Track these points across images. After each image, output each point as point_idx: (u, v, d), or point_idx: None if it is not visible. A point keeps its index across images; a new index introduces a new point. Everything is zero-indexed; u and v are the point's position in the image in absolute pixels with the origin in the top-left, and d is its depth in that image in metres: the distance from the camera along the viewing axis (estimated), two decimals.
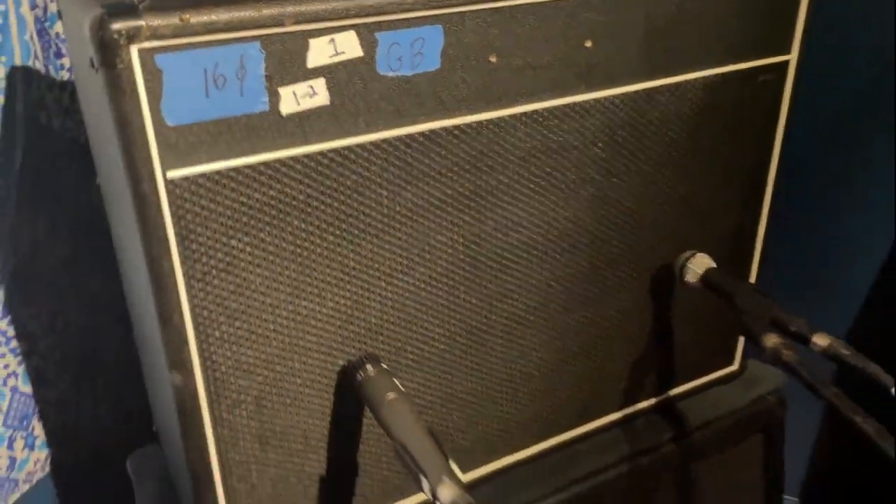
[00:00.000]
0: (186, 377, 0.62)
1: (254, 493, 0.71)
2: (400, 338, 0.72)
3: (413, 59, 0.61)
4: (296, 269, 0.63)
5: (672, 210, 0.83)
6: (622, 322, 0.86)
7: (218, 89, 0.54)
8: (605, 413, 0.91)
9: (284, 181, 0.60)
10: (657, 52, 0.74)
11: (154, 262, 0.57)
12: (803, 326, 0.70)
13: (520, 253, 0.75)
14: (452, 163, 0.67)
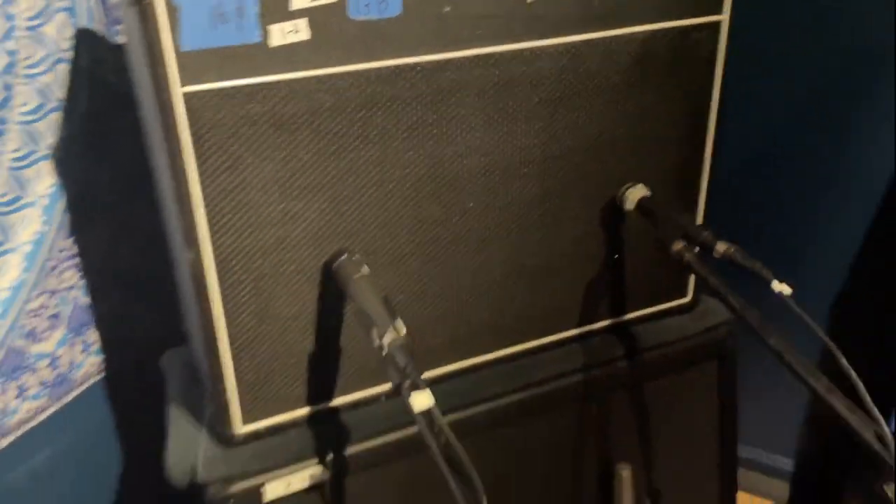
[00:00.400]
0: (197, 253, 0.79)
1: (255, 364, 0.88)
2: (375, 240, 0.88)
3: (379, 6, 0.78)
4: (286, 174, 0.80)
5: (614, 148, 0.96)
6: (576, 246, 1.00)
7: (222, 24, 0.71)
8: (564, 328, 1.06)
9: (274, 100, 0.77)
10: (596, 9, 0.88)
11: (174, 161, 0.75)
12: (708, 237, 0.84)
13: (477, 176, 0.90)
14: (416, 94, 0.83)
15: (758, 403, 1.79)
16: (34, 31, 1.04)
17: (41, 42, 1.06)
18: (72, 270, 1.17)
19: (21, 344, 1.11)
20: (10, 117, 1.03)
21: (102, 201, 1.20)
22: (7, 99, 1.02)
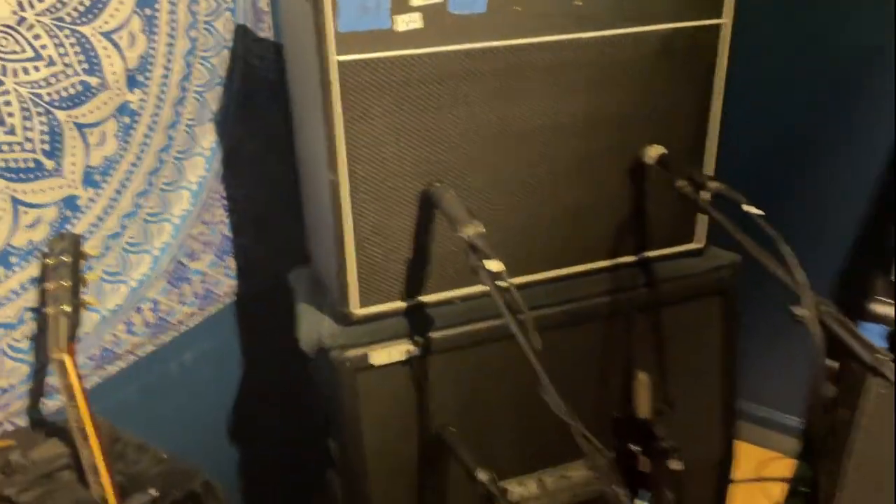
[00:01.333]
0: (337, 176, 1.13)
1: (368, 263, 1.21)
2: (459, 177, 1.20)
3: (471, 4, 1.11)
4: (400, 123, 1.14)
5: (639, 117, 1.27)
6: (609, 193, 1.31)
7: (365, 14, 1.06)
8: (597, 259, 1.36)
9: (396, 69, 1.10)
10: (626, 11, 1.20)
11: (326, 109, 1.09)
12: (703, 178, 1.14)
13: (536, 133, 1.22)
14: (494, 69, 1.16)
15: (771, 370, 2.06)
16: (208, 25, 1.41)
17: (212, 33, 1.42)
18: (220, 209, 1.53)
19: (184, 260, 1.48)
20: (189, 87, 1.40)
21: (245, 156, 1.56)
22: (188, 74, 1.39)
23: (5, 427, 1.25)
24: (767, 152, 1.88)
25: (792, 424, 2.12)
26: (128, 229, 1.34)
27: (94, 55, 1.21)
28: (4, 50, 1.09)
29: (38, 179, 1.18)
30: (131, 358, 1.42)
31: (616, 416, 1.42)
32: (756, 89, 1.79)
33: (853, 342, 0.77)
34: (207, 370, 1.59)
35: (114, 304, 1.35)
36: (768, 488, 2.08)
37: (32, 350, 1.24)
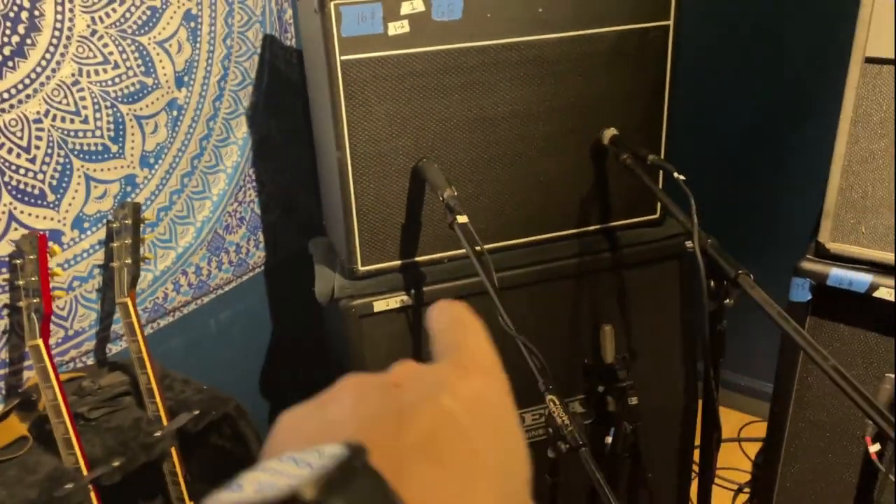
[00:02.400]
0: (343, 153, 1.40)
1: (370, 227, 1.47)
2: (443, 154, 1.46)
3: (449, 12, 1.37)
4: (392, 110, 1.40)
5: (597, 104, 1.51)
6: (574, 169, 1.55)
7: (363, 22, 1.32)
8: (566, 228, 1.60)
9: (388, 65, 1.36)
10: (581, 15, 1.45)
11: (333, 98, 1.36)
12: (644, 153, 1.37)
13: (507, 118, 1.47)
14: (469, 65, 1.41)
15: (750, 343, 2.26)
16: (242, 35, 1.70)
17: (245, 41, 1.71)
18: (251, 190, 1.81)
19: (221, 232, 1.76)
20: (226, 87, 1.69)
21: (272, 145, 1.84)
22: (225, 75, 1.68)
23: (77, 363, 1.54)
24: (732, 143, 2.10)
25: (768, 391, 2.32)
26: (175, 204, 1.63)
27: (150, 60, 1.50)
28: (81, 56, 1.38)
29: (105, 160, 1.47)
30: (177, 314, 1.71)
31: (586, 363, 1.66)
32: (723, 87, 2.02)
33: (724, 263, 1.00)
34: (240, 327, 1.87)
35: (164, 266, 1.64)
36: (746, 448, 2.28)
37: (99, 300, 1.53)
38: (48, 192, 1.39)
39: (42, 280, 1.29)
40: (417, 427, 0.26)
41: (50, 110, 1.36)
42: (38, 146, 1.36)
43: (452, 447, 0.26)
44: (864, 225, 1.40)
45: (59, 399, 1.27)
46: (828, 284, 1.43)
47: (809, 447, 1.65)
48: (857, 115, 1.33)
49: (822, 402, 1.58)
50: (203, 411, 1.45)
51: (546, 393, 1.11)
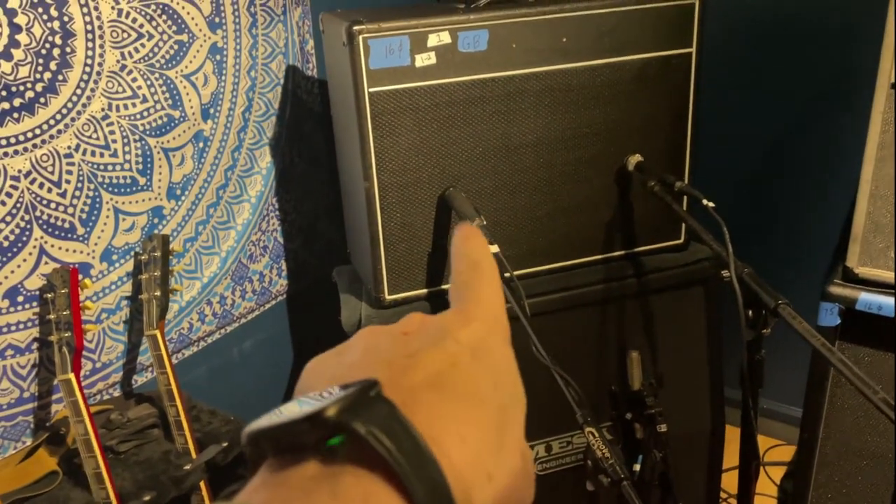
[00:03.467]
0: (371, 184, 1.40)
1: (397, 256, 1.47)
2: (468, 183, 1.46)
3: (475, 44, 1.38)
4: (419, 140, 1.41)
5: (621, 131, 1.52)
6: (598, 196, 1.56)
7: (391, 54, 1.34)
8: (591, 254, 1.60)
9: (415, 97, 1.37)
10: (605, 44, 1.46)
11: (361, 129, 1.37)
12: (671, 179, 1.37)
13: (532, 146, 1.48)
14: (495, 94, 1.42)
15: (774, 365, 2.24)
16: (265, 67, 1.71)
17: (268, 73, 1.72)
18: (274, 219, 1.82)
19: (245, 262, 1.76)
20: (251, 118, 1.70)
21: (295, 175, 1.85)
22: (249, 106, 1.69)
23: (104, 395, 1.54)
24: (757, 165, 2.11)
25: (792, 414, 2.30)
26: (201, 234, 1.63)
27: (177, 93, 1.51)
28: (111, 91, 1.40)
29: (133, 193, 1.48)
30: (201, 344, 1.71)
31: (613, 390, 1.65)
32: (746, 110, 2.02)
33: (763, 293, 1.00)
34: (262, 355, 1.87)
35: (189, 296, 1.64)
36: (771, 472, 2.26)
37: (126, 332, 1.53)
38: (78, 225, 1.40)
39: (74, 314, 1.30)
40: (424, 368, 0.29)
41: (80, 145, 1.37)
42: (68, 180, 1.37)
43: (455, 382, 0.29)
44: (892, 249, 1.39)
45: (91, 433, 1.27)
46: (857, 309, 1.43)
47: (840, 472, 1.64)
48: (884, 141, 1.33)
49: (852, 428, 1.57)
50: (231, 443, 1.45)
51: (585, 425, 1.10)
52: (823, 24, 1.88)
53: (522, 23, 1.40)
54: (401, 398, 0.27)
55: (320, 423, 0.25)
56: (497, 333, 0.33)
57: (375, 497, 0.25)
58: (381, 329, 0.33)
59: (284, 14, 1.72)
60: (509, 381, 0.32)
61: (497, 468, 0.29)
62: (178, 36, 1.49)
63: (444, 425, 0.28)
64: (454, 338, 0.31)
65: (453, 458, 0.27)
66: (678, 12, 1.48)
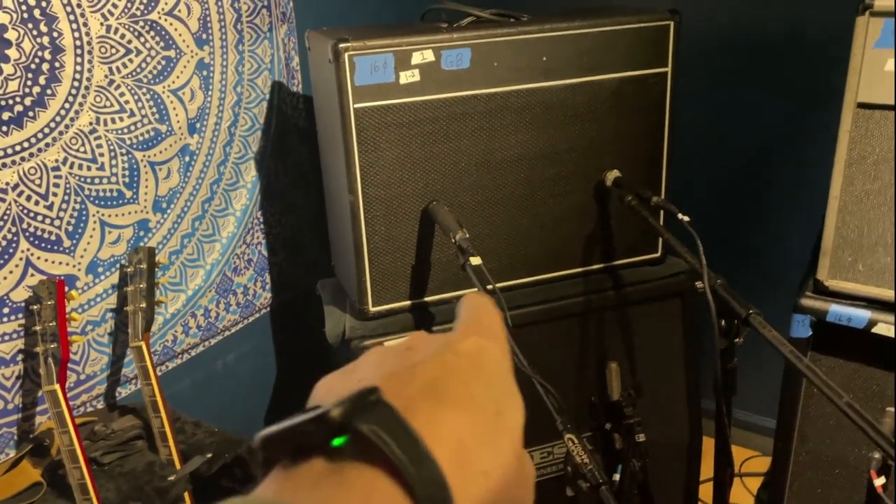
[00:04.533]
0: (355, 197, 1.43)
1: (381, 268, 1.50)
2: (451, 197, 1.49)
3: (458, 62, 1.42)
4: (402, 154, 1.44)
5: (599, 147, 1.56)
6: (577, 210, 1.60)
7: (375, 72, 1.37)
8: (570, 267, 1.64)
9: (399, 112, 1.41)
10: (584, 63, 1.50)
11: (346, 144, 1.40)
12: (648, 194, 1.42)
13: (513, 161, 1.52)
14: (477, 111, 1.46)
15: (749, 378, 2.29)
16: (251, 82, 1.74)
17: (254, 88, 1.75)
18: (259, 232, 1.84)
19: (229, 274, 1.78)
20: (237, 132, 1.72)
21: (279, 189, 1.87)
22: (235, 121, 1.71)
23: (87, 407, 1.55)
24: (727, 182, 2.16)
25: (769, 426, 2.34)
26: (186, 247, 1.65)
27: (164, 108, 1.53)
28: (99, 105, 1.42)
29: (119, 206, 1.49)
30: (185, 356, 1.72)
31: (592, 400, 1.68)
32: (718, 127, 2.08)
33: (734, 303, 1.03)
34: (246, 368, 1.88)
35: (174, 309, 1.65)
36: (749, 483, 2.30)
37: (111, 344, 1.54)
38: (64, 237, 1.41)
39: (60, 325, 1.31)
40: (423, 377, 0.32)
41: (68, 158, 1.39)
42: (55, 193, 1.38)
43: (452, 389, 0.32)
44: (861, 263, 1.44)
45: (76, 444, 1.28)
46: (827, 320, 1.47)
47: (813, 481, 1.67)
48: (852, 158, 1.38)
49: (824, 436, 1.61)
50: (216, 454, 1.46)
51: (565, 432, 1.13)
52: (796, 44, 1.94)
53: (504, 42, 1.44)
54: (402, 404, 0.29)
55: (326, 423, 0.28)
56: (495, 347, 0.36)
57: (378, 488, 0.28)
58: (388, 348, 0.35)
59: (270, 31, 1.75)
60: (505, 389, 0.34)
61: (493, 467, 0.31)
62: (166, 52, 1.52)
63: (440, 427, 0.30)
64: (453, 349, 0.34)
65: (450, 455, 0.29)
66: (654, 33, 1.53)
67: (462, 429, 0.30)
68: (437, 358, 0.33)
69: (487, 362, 0.34)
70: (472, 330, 0.36)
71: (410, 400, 0.30)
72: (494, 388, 0.34)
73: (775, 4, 1.94)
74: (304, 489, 0.28)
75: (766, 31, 1.97)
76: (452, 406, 0.31)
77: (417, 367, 0.32)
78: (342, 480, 0.28)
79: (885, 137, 1.35)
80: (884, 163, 1.36)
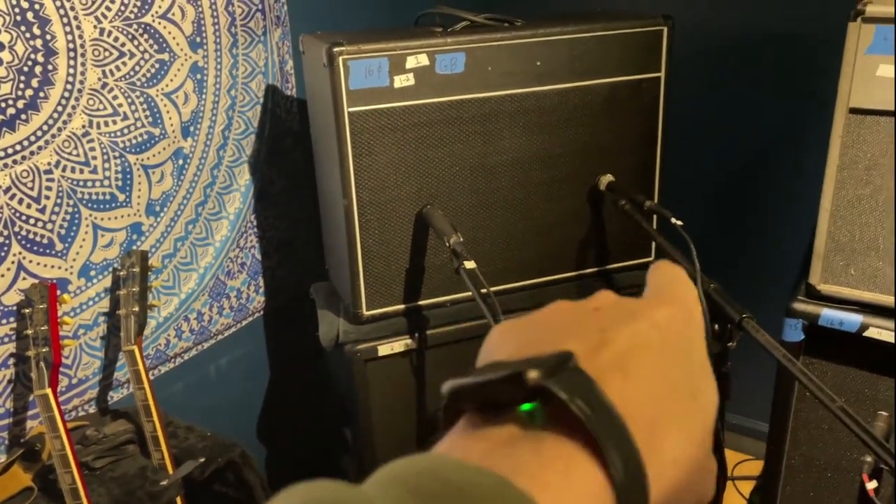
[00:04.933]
0: (350, 201, 1.43)
1: (375, 271, 1.50)
2: (445, 201, 1.49)
3: (452, 66, 1.42)
4: (396, 158, 1.44)
5: (593, 151, 1.56)
6: (571, 214, 1.60)
7: (370, 76, 1.37)
8: (564, 271, 1.64)
9: (393, 116, 1.41)
10: (577, 67, 1.50)
11: (340, 148, 1.40)
12: (641, 198, 1.42)
13: (507, 166, 1.52)
14: (471, 115, 1.46)
15: (742, 382, 2.29)
16: (245, 86, 1.74)
17: (248, 92, 1.75)
18: (253, 235, 1.84)
19: (223, 278, 1.77)
20: (230, 136, 1.72)
21: (273, 192, 1.87)
22: (229, 125, 1.71)
23: (79, 412, 1.54)
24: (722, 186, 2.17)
25: (762, 430, 2.35)
26: (180, 251, 1.65)
27: (157, 111, 1.53)
28: (92, 108, 1.41)
29: (112, 209, 1.49)
30: (178, 360, 1.71)
31: None
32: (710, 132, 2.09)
33: (728, 307, 1.04)
34: (239, 372, 1.87)
35: (167, 312, 1.65)
36: (741, 486, 2.30)
37: (103, 348, 1.53)
38: (56, 241, 1.40)
39: (52, 329, 1.30)
40: (615, 346, 0.29)
41: (60, 161, 1.38)
42: (48, 196, 1.38)
43: (644, 364, 0.29)
44: (853, 267, 1.45)
45: (67, 449, 1.27)
46: (819, 324, 1.48)
47: (806, 485, 1.68)
48: (843, 163, 1.39)
49: (817, 441, 1.62)
50: (208, 459, 1.45)
51: None
52: (789, 49, 1.95)
53: (498, 46, 1.44)
54: (592, 374, 0.27)
55: (521, 384, 0.26)
56: (690, 315, 0.32)
57: (575, 461, 0.26)
58: (573, 303, 0.33)
59: (265, 35, 1.75)
60: (701, 370, 0.31)
61: (683, 455, 0.29)
62: (160, 55, 1.51)
63: (633, 406, 0.27)
64: (646, 318, 0.31)
65: (643, 437, 0.27)
66: (647, 38, 1.54)
67: (654, 411, 0.28)
68: (630, 326, 0.30)
69: (683, 338, 0.31)
70: (667, 300, 0.33)
71: (600, 371, 0.28)
72: (690, 368, 0.31)
73: (768, 10, 1.95)
74: (498, 452, 0.26)
75: (760, 36, 1.98)
76: (645, 382, 0.29)
77: (609, 335, 0.29)
78: (539, 449, 0.26)
79: (876, 142, 1.36)
80: (875, 168, 1.37)
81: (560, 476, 0.25)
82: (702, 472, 0.30)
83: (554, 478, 0.25)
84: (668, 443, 0.28)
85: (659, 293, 0.34)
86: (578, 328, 0.30)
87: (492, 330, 0.33)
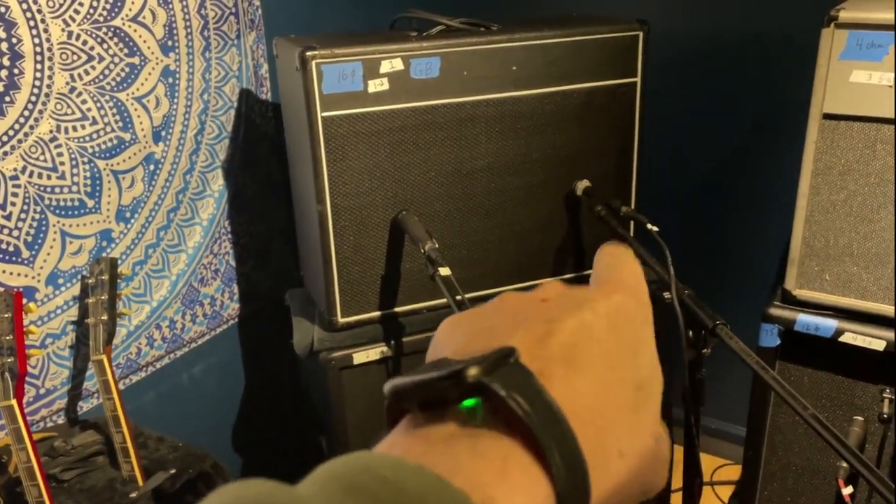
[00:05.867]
0: (324, 206, 1.41)
1: (350, 278, 1.48)
2: (421, 207, 1.48)
3: (427, 71, 1.41)
4: (371, 163, 1.42)
5: (570, 156, 1.56)
6: (548, 219, 1.59)
7: (343, 80, 1.35)
8: (540, 276, 1.63)
9: (367, 121, 1.39)
10: (553, 72, 1.50)
11: (314, 153, 1.38)
12: (618, 204, 1.41)
13: (483, 171, 1.51)
14: (447, 120, 1.45)
15: (720, 387, 2.30)
16: (218, 90, 1.71)
17: (221, 96, 1.73)
18: (226, 242, 1.81)
19: (196, 285, 1.75)
20: (203, 140, 1.69)
21: (247, 198, 1.84)
22: (202, 129, 1.69)
23: (47, 422, 1.50)
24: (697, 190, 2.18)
25: (740, 434, 2.35)
26: (151, 258, 1.62)
27: (128, 115, 1.50)
28: (59, 113, 1.38)
29: (81, 216, 1.46)
30: (150, 369, 1.68)
31: None
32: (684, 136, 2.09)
33: (702, 314, 1.03)
34: (213, 380, 1.84)
35: (138, 320, 1.62)
36: (720, 491, 2.30)
37: (72, 357, 1.50)
38: (23, 248, 1.37)
39: (17, 339, 1.27)
40: (560, 338, 0.29)
41: (27, 167, 1.35)
42: (13, 202, 1.34)
43: (589, 355, 0.29)
44: (828, 272, 1.45)
45: (34, 461, 1.24)
46: (795, 330, 1.48)
47: (783, 490, 1.68)
48: (818, 168, 1.39)
49: (793, 446, 1.62)
50: (179, 470, 1.42)
51: None
52: (764, 55, 1.96)
53: (473, 51, 1.43)
54: (537, 367, 0.27)
55: (461, 381, 0.26)
56: (638, 310, 0.32)
57: (513, 458, 0.26)
58: (521, 295, 0.33)
59: (238, 38, 1.73)
60: (647, 359, 0.31)
61: (629, 447, 0.29)
62: (130, 59, 1.49)
63: (577, 399, 0.27)
64: (592, 308, 0.30)
65: (585, 431, 0.27)
66: (623, 43, 1.53)
67: (599, 403, 0.28)
68: (576, 316, 0.30)
69: (629, 326, 0.31)
70: (613, 287, 0.32)
71: (545, 363, 0.28)
72: (636, 357, 0.30)
73: (744, 15, 1.96)
74: (436, 451, 0.26)
75: (735, 42, 1.99)
76: (590, 375, 0.28)
77: (555, 326, 0.29)
78: (476, 446, 0.26)
79: (850, 148, 1.36)
80: (850, 173, 1.37)
81: (497, 474, 0.25)
82: (653, 461, 0.30)
83: (491, 476, 0.25)
84: (612, 435, 0.28)
85: (606, 279, 0.33)
86: (525, 319, 0.30)
87: (441, 324, 0.32)
